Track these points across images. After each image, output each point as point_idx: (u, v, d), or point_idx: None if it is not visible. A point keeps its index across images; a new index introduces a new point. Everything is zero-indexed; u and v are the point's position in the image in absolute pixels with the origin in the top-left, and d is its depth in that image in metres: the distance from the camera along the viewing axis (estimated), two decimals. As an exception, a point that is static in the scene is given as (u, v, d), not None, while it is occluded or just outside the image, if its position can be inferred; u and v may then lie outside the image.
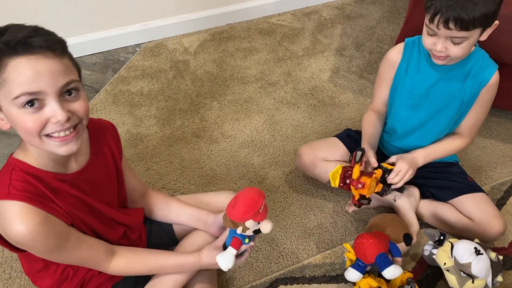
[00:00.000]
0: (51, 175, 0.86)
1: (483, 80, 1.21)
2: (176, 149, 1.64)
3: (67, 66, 0.79)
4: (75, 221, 0.91)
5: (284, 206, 1.47)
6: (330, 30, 2.20)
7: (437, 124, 1.30)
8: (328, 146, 1.45)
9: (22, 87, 0.74)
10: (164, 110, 1.79)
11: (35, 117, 0.77)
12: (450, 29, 1.05)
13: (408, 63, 1.27)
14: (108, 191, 1.03)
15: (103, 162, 1.00)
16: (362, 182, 1.20)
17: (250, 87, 1.90)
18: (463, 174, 1.40)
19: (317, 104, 1.83)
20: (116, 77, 1.92)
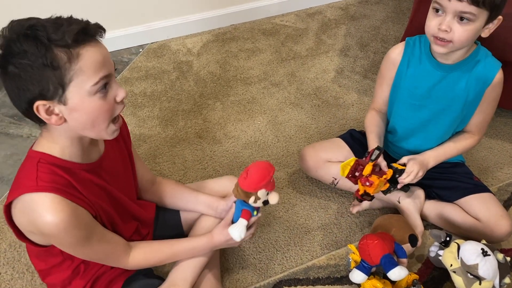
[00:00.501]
0: (77, 165, 0.88)
1: (487, 79, 1.19)
2: (179, 149, 1.63)
3: None
4: (99, 212, 0.92)
5: (287, 207, 1.46)
6: (334, 31, 2.19)
7: (440, 124, 1.28)
8: (331, 147, 1.44)
9: (99, 72, 0.79)
10: (167, 111, 1.78)
11: (107, 101, 0.82)
12: (461, 0, 1.02)
13: (409, 62, 1.25)
14: (126, 180, 1.05)
15: (117, 149, 1.02)
16: (370, 181, 1.19)
17: (253, 88, 1.89)
18: (469, 174, 1.38)
19: (321, 105, 1.82)
20: (119, 78, 1.92)
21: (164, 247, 1.07)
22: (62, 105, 0.80)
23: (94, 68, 0.79)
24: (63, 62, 0.77)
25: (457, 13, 1.06)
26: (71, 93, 0.79)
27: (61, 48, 0.76)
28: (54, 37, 0.76)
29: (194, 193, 1.20)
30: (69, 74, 0.77)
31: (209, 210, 1.18)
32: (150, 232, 1.15)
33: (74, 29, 0.77)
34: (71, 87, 0.78)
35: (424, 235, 1.35)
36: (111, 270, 1.04)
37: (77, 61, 0.77)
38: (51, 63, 0.76)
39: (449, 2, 1.04)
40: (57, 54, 0.76)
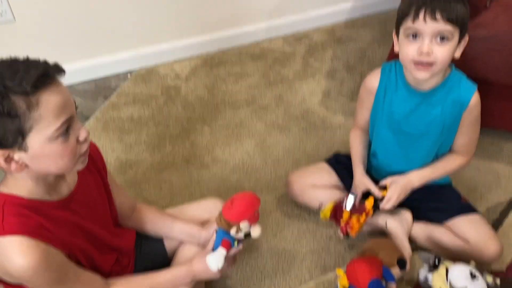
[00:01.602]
0: (45, 203, 0.85)
1: (463, 102, 1.20)
2: (166, 175, 1.62)
3: None
4: (72, 249, 0.89)
5: (275, 232, 1.44)
6: (321, 54, 2.21)
7: (420, 149, 1.29)
8: (316, 172, 1.44)
9: (61, 117, 0.77)
10: (154, 136, 1.77)
11: (69, 143, 0.80)
12: (437, 20, 1.04)
13: (386, 88, 1.26)
14: (101, 210, 1.02)
15: (91, 180, 0.99)
16: (350, 225, 1.23)
17: (241, 111, 1.89)
18: (457, 195, 1.37)
19: (308, 127, 1.82)
20: (107, 104, 1.92)
21: (144, 280, 1.03)
22: (23, 152, 0.77)
23: (55, 113, 0.76)
24: (21, 110, 0.73)
25: (435, 34, 1.07)
26: (31, 140, 0.76)
27: (18, 96, 0.72)
28: (10, 84, 0.72)
29: (176, 221, 1.18)
30: (28, 122, 0.74)
31: (191, 238, 1.16)
32: (131, 262, 1.12)
33: (33, 75, 0.73)
34: (32, 134, 0.75)
35: (414, 258, 1.33)
36: None
37: (37, 108, 0.74)
38: (8, 112, 0.72)
39: (426, 24, 1.06)
40: (15, 102, 0.72)
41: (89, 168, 0.99)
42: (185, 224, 1.17)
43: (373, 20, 2.45)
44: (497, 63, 1.46)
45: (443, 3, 1.05)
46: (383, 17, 2.46)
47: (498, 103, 1.58)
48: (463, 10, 1.07)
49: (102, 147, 1.70)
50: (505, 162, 1.67)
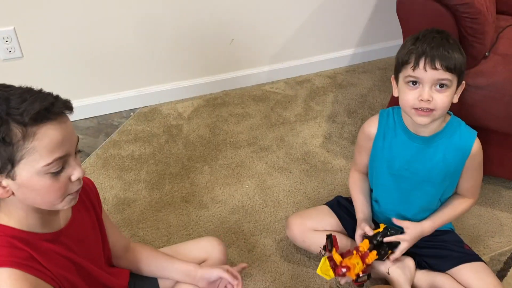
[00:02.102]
0: (37, 236, 0.83)
1: (465, 149, 1.20)
2: (164, 214, 1.59)
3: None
4: (63, 284, 0.86)
5: (274, 277, 1.40)
6: (322, 98, 2.24)
7: (422, 195, 1.27)
8: (317, 215, 1.41)
9: (54, 153, 0.76)
10: (154, 174, 1.76)
11: (59, 180, 0.79)
12: (437, 69, 1.07)
13: (384, 134, 1.27)
14: (94, 247, 0.99)
15: (86, 216, 0.97)
16: (346, 266, 1.19)
17: (242, 152, 1.89)
18: (460, 242, 1.35)
19: (309, 170, 1.81)
20: (108, 141, 1.92)
21: None
22: (10, 179, 0.77)
23: (49, 148, 0.76)
24: (16, 139, 0.73)
25: (435, 82, 1.09)
26: (20, 170, 0.76)
27: (17, 125, 0.73)
28: (13, 112, 0.73)
29: (171, 260, 1.15)
30: (21, 152, 0.74)
31: (186, 278, 1.13)
32: None
33: (35, 108, 0.74)
34: (21, 164, 0.75)
35: (417, 308, 1.29)
36: None
37: (32, 140, 0.74)
38: (3, 138, 0.73)
39: (426, 72, 1.08)
40: (12, 129, 0.73)
41: (85, 204, 0.98)
42: (181, 263, 1.14)
43: (373, 66, 2.50)
44: (497, 111, 1.48)
45: (442, 52, 1.07)
46: (383, 63, 2.52)
47: (498, 151, 1.59)
48: (461, 59, 1.10)
49: (101, 184, 1.70)
50: (507, 210, 1.65)
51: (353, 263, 1.21)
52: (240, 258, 1.45)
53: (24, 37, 1.79)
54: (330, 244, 1.24)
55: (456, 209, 1.30)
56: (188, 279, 1.13)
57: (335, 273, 1.21)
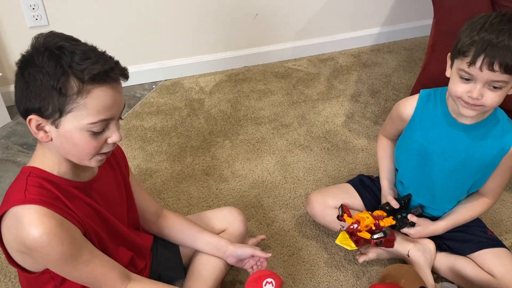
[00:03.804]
0: (66, 181, 0.87)
1: (505, 145, 1.14)
2: (185, 186, 1.61)
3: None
4: (88, 230, 0.89)
5: (293, 251, 1.41)
6: (346, 77, 2.21)
7: (451, 184, 1.23)
8: (339, 193, 1.40)
9: (101, 115, 0.80)
10: (176, 147, 1.78)
11: (97, 139, 0.83)
12: (494, 71, 0.97)
13: (421, 116, 1.21)
14: (119, 206, 1.02)
15: (112, 176, 1.00)
16: (355, 221, 1.22)
17: (263, 128, 1.89)
18: (483, 227, 1.33)
19: (330, 148, 1.80)
20: (131, 113, 1.93)
21: None
22: (54, 127, 0.81)
23: (98, 109, 0.80)
24: (71, 92, 0.77)
25: (489, 82, 1.00)
26: (65, 121, 0.80)
27: (76, 79, 0.77)
28: (75, 67, 0.77)
29: (204, 232, 1.17)
30: (71, 105, 0.78)
31: (216, 252, 1.16)
32: (148, 265, 1.11)
33: (96, 69, 0.77)
34: (69, 116, 0.79)
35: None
36: None
37: (85, 97, 0.78)
38: (60, 88, 0.77)
39: (481, 72, 0.98)
40: (70, 82, 0.77)
41: (112, 165, 1.01)
42: (213, 236, 1.17)
43: (399, 46, 2.45)
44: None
45: (503, 52, 0.95)
46: (409, 43, 2.47)
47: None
48: None
49: (123, 154, 1.72)
50: (532, 197, 1.62)
51: (362, 216, 1.22)
52: (259, 231, 1.46)
53: (51, 5, 1.80)
54: (341, 210, 1.26)
55: (473, 210, 1.26)
56: (218, 253, 1.15)
57: (350, 236, 1.23)
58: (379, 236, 1.22)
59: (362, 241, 1.23)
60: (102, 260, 0.91)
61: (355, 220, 1.23)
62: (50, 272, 0.90)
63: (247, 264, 1.18)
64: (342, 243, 1.23)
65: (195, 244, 1.16)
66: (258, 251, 1.16)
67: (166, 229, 1.16)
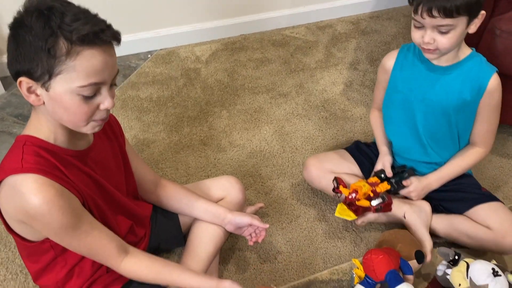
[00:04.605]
0: (62, 150, 0.86)
1: (481, 84, 1.18)
2: (183, 156, 1.61)
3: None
4: (87, 199, 0.89)
5: (291, 219, 1.42)
6: (344, 44, 2.17)
7: (437, 131, 1.27)
8: (336, 158, 1.42)
9: (91, 78, 0.78)
10: (173, 117, 1.76)
11: (88, 104, 0.81)
12: (434, 16, 1.06)
13: (402, 65, 1.28)
14: (116, 175, 1.01)
15: (107, 145, 0.99)
16: (353, 190, 1.24)
17: (260, 97, 1.87)
18: (477, 185, 1.34)
19: (328, 117, 1.79)
20: (126, 83, 1.91)
21: (163, 269, 0.97)
22: (45, 90, 0.79)
23: (87, 72, 0.78)
24: (60, 53, 0.76)
25: (435, 27, 1.09)
26: (55, 83, 0.78)
27: (65, 40, 0.75)
28: (64, 28, 0.75)
29: (202, 201, 1.17)
30: (60, 67, 0.76)
31: (214, 219, 1.16)
32: (147, 234, 1.11)
33: (85, 30, 0.75)
34: (58, 78, 0.78)
35: (432, 254, 1.30)
36: (108, 274, 1.00)
37: (74, 59, 0.76)
38: (48, 49, 0.75)
39: (424, 19, 1.09)
40: (59, 43, 0.75)
41: (107, 135, 1.00)
42: (212, 205, 1.17)
43: (398, 13, 2.40)
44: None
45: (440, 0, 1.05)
46: (409, 10, 2.39)
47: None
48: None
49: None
50: (530, 163, 1.62)
51: (359, 185, 1.24)
52: (257, 199, 1.47)
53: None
54: (336, 183, 1.28)
55: (464, 160, 1.29)
56: (217, 221, 1.16)
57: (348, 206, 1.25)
58: (378, 202, 1.23)
59: (361, 209, 1.25)
60: (101, 232, 0.91)
61: (352, 190, 1.24)
62: (50, 241, 0.90)
63: (245, 232, 1.19)
64: (342, 215, 1.25)
65: (193, 212, 1.17)
66: (256, 220, 1.16)
67: (164, 198, 1.16)
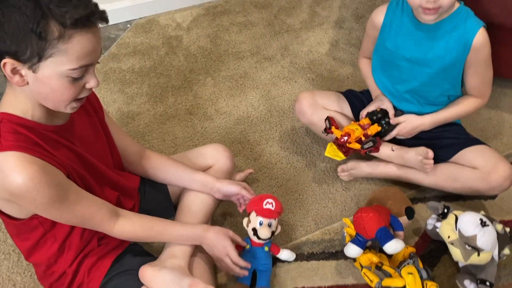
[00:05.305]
0: (41, 126, 0.85)
1: (467, 41, 1.16)
2: (169, 126, 1.58)
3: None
4: (71, 173, 0.88)
5: (281, 182, 1.42)
6: (329, 2, 2.11)
7: (424, 88, 1.26)
8: (329, 96, 1.43)
9: (82, 61, 0.78)
10: (156, 87, 1.72)
11: (76, 85, 0.80)
12: None
13: (391, 22, 1.26)
14: (99, 148, 1.01)
15: (86, 119, 0.98)
16: (345, 133, 1.24)
17: (245, 62, 1.83)
18: (462, 130, 1.35)
19: (315, 78, 1.76)
20: (107, 55, 1.86)
21: (155, 225, 1.03)
22: (31, 71, 0.77)
23: (79, 55, 0.77)
24: (52, 37, 0.74)
25: None
26: (44, 66, 0.77)
27: (57, 23, 0.74)
28: (56, 10, 0.73)
29: (189, 171, 1.16)
30: (51, 50, 0.76)
31: (203, 188, 1.16)
32: (136, 206, 1.11)
33: (79, 13, 0.74)
34: (48, 61, 0.77)
35: (421, 208, 1.32)
36: (99, 247, 1.01)
37: (66, 43, 0.75)
38: (39, 33, 0.74)
39: None
40: (51, 26, 0.74)
41: (86, 109, 0.98)
42: (199, 174, 1.17)
43: (383, -34, 2.33)
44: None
45: None
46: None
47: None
48: None
49: (102, 98, 1.67)
50: (518, 113, 1.62)
51: (351, 128, 1.25)
52: (246, 166, 1.46)
53: None
54: (328, 123, 1.28)
55: (460, 107, 1.28)
56: (205, 190, 1.16)
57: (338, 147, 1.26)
58: (369, 146, 1.25)
59: (351, 151, 1.27)
60: (89, 200, 0.91)
61: (345, 133, 1.25)
62: (38, 217, 0.90)
63: (233, 198, 1.19)
64: (331, 155, 1.26)
65: (180, 182, 1.16)
66: (244, 190, 1.16)
67: (150, 169, 1.15)
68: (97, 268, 0.99)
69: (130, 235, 1.00)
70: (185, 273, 1.00)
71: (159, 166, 1.16)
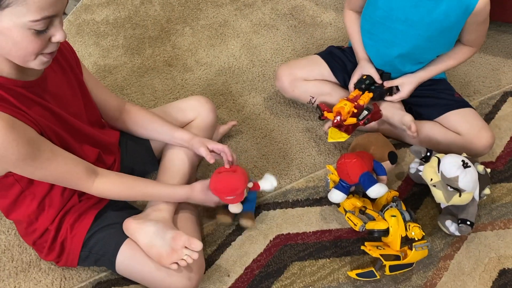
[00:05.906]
0: (10, 81, 0.81)
1: (468, 5, 1.11)
2: (148, 79, 1.54)
3: None
4: (46, 130, 0.85)
5: (265, 133, 1.40)
6: None
7: (417, 51, 1.22)
8: (308, 64, 1.36)
9: (44, 11, 0.72)
10: (133, 39, 1.66)
11: (40, 38, 0.75)
12: None
13: None
14: (74, 105, 0.96)
15: (61, 74, 0.93)
16: (336, 112, 1.22)
17: (224, 10, 1.76)
18: (450, 90, 1.33)
19: (297, 25, 1.71)
20: (79, 6, 1.76)
21: (137, 185, 1.00)
22: None
23: (40, 5, 0.71)
24: None
25: None
26: (3, 17, 0.71)
27: None
28: None
29: (169, 127, 1.12)
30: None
31: (184, 144, 1.13)
32: (117, 160, 1.09)
33: None
34: (6, 11, 0.71)
35: (404, 152, 1.33)
36: (81, 203, 0.99)
37: None
38: None
39: None
40: None
41: (60, 64, 0.93)
42: (180, 131, 1.13)
43: None
44: None
45: None
46: None
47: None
48: None
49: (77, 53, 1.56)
50: (500, 55, 1.61)
51: (340, 106, 1.22)
52: (230, 118, 1.43)
53: None
54: (320, 110, 1.26)
55: (455, 58, 1.26)
56: (186, 145, 1.13)
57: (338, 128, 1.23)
58: (364, 115, 1.22)
59: (351, 127, 1.24)
60: (64, 157, 0.88)
61: (335, 113, 1.22)
62: (13, 174, 0.88)
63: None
64: (335, 139, 1.23)
65: (160, 137, 1.14)
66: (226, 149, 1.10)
67: (130, 124, 1.12)
68: (79, 224, 0.98)
69: (110, 194, 0.98)
70: (169, 225, 1.00)
71: (139, 121, 1.12)
